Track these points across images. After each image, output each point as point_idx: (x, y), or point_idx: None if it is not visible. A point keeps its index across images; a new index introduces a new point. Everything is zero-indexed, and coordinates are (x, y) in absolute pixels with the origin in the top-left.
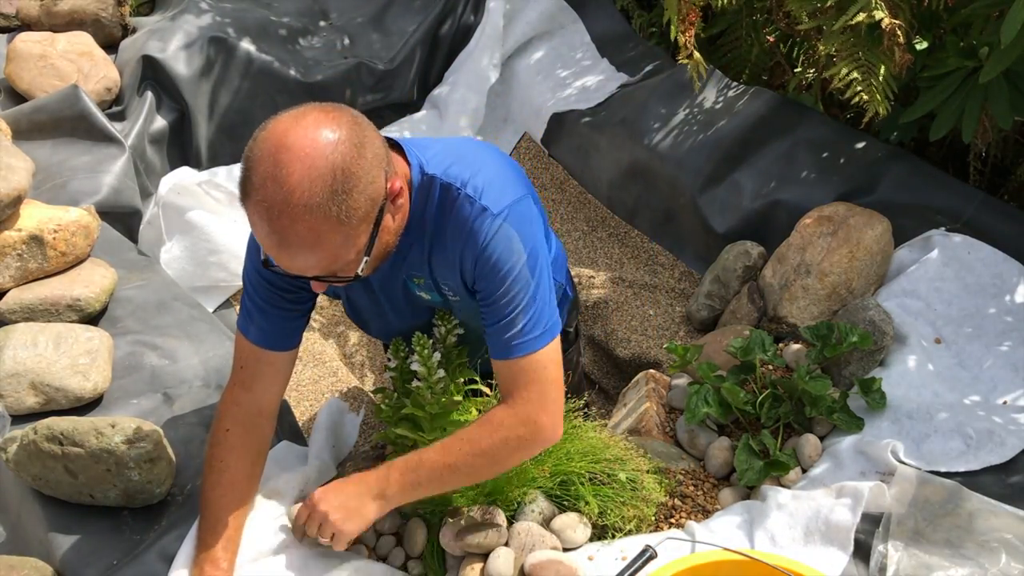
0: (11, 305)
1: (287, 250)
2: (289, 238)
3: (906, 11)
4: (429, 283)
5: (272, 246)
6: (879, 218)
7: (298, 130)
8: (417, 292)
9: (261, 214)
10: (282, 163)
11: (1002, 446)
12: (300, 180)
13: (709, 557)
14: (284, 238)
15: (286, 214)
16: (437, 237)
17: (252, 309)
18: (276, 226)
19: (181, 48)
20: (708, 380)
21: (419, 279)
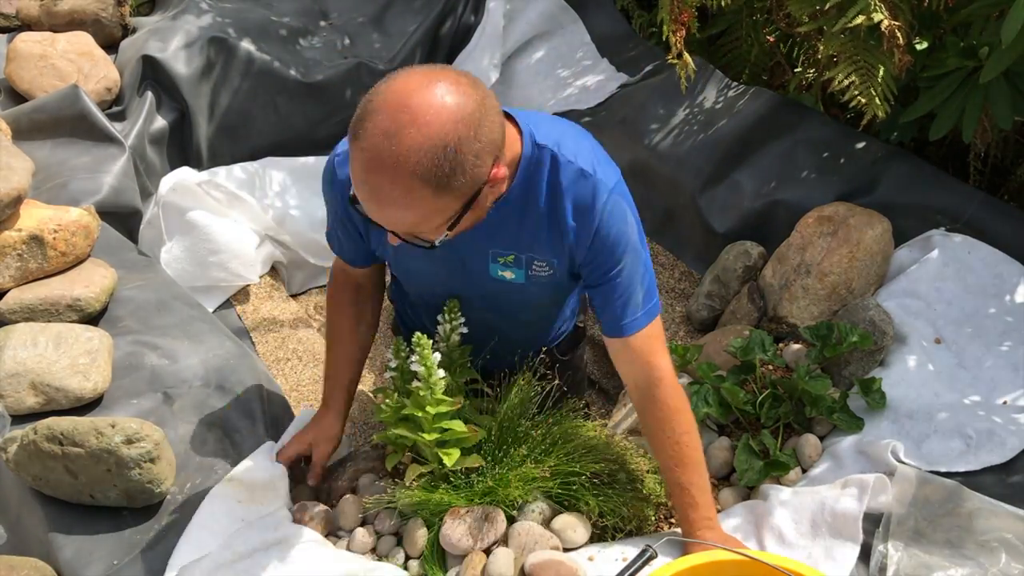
0: (11, 305)
1: (376, 203)
2: (382, 193)
3: (906, 12)
4: (519, 260)
5: (363, 193)
6: (879, 218)
7: (425, 94)
8: (498, 271)
9: (363, 162)
10: (400, 123)
11: (1002, 446)
12: (411, 146)
13: (709, 557)
14: (377, 191)
15: (387, 172)
16: (551, 211)
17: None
18: (373, 179)
19: (181, 48)
20: (708, 380)
21: (506, 257)
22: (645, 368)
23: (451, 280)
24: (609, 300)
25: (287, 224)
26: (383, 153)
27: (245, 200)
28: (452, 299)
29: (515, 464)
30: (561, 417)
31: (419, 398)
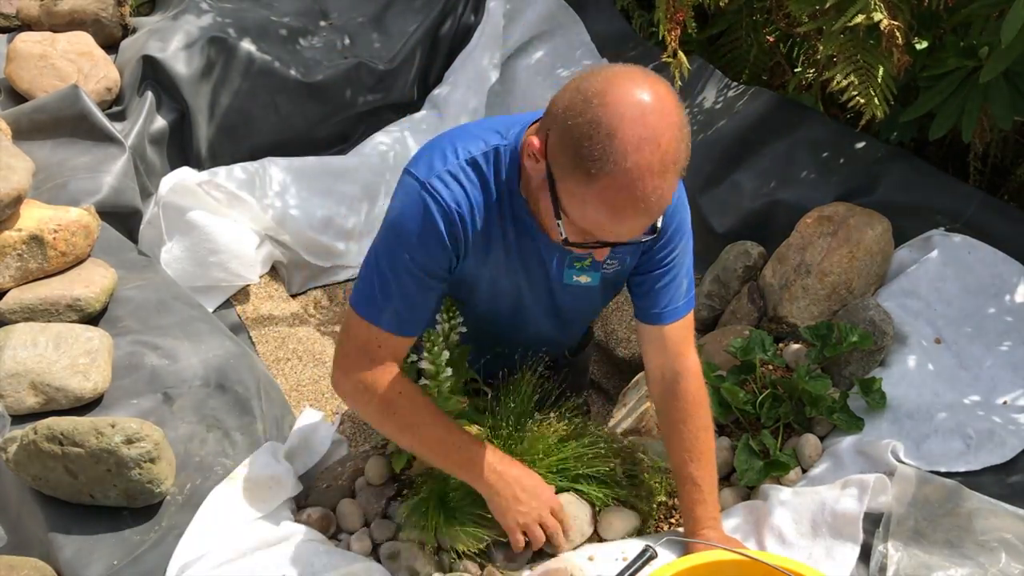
0: (11, 305)
1: (647, 214)
2: (654, 200)
3: (905, 12)
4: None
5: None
6: (879, 218)
7: (648, 88)
8: (573, 277)
9: (633, 179)
10: (651, 126)
11: (1002, 446)
12: (671, 139)
13: (709, 557)
14: (649, 202)
15: (659, 175)
16: None
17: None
18: (647, 188)
19: (181, 48)
20: (708, 380)
21: (581, 263)
22: (676, 358)
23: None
24: (657, 286)
25: (287, 224)
26: (653, 160)
27: (245, 200)
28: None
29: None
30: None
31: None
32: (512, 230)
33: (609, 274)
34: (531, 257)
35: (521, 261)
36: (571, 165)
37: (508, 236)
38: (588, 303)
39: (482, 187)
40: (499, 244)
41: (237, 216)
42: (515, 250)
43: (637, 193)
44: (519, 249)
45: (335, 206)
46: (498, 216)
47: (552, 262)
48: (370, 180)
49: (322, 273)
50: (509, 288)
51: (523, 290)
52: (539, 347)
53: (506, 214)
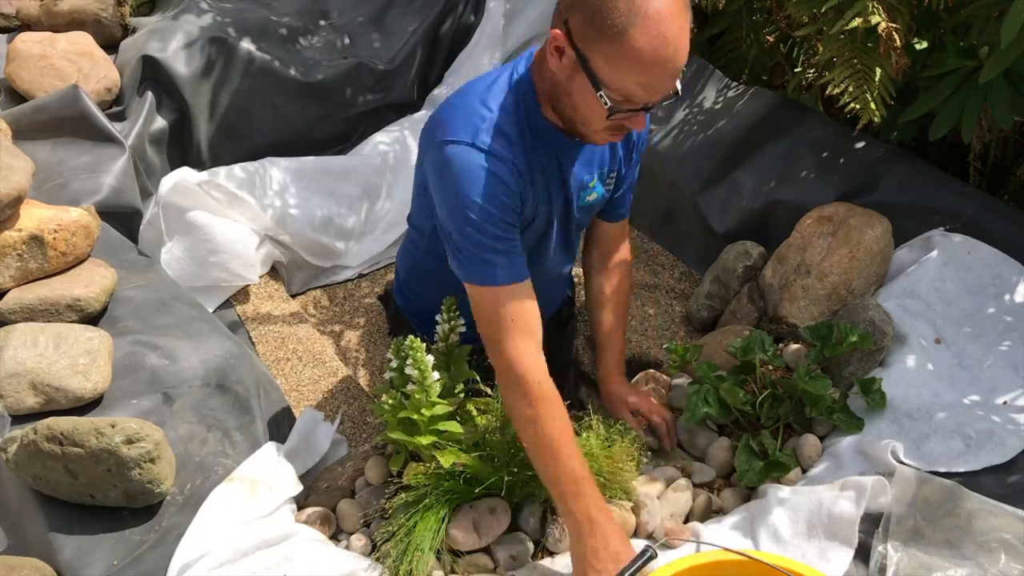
0: (11, 305)
1: (679, 55)
2: (681, 40)
3: (904, 13)
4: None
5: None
6: (879, 218)
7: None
8: (586, 199)
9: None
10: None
11: (1002, 446)
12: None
13: (709, 557)
14: (679, 43)
15: (680, 15)
16: None
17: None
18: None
19: (181, 48)
20: (708, 380)
21: (592, 182)
22: (626, 247)
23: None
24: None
25: (287, 224)
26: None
27: (245, 200)
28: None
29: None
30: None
31: (415, 401)
32: (543, 159)
33: (609, 189)
34: (556, 183)
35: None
36: (600, 31)
37: (540, 165)
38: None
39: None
40: (537, 176)
41: (237, 216)
42: (545, 179)
43: (667, 34)
44: (548, 178)
45: (335, 206)
46: (530, 147)
47: (572, 186)
48: (370, 180)
49: (322, 273)
50: (544, 219)
51: (553, 220)
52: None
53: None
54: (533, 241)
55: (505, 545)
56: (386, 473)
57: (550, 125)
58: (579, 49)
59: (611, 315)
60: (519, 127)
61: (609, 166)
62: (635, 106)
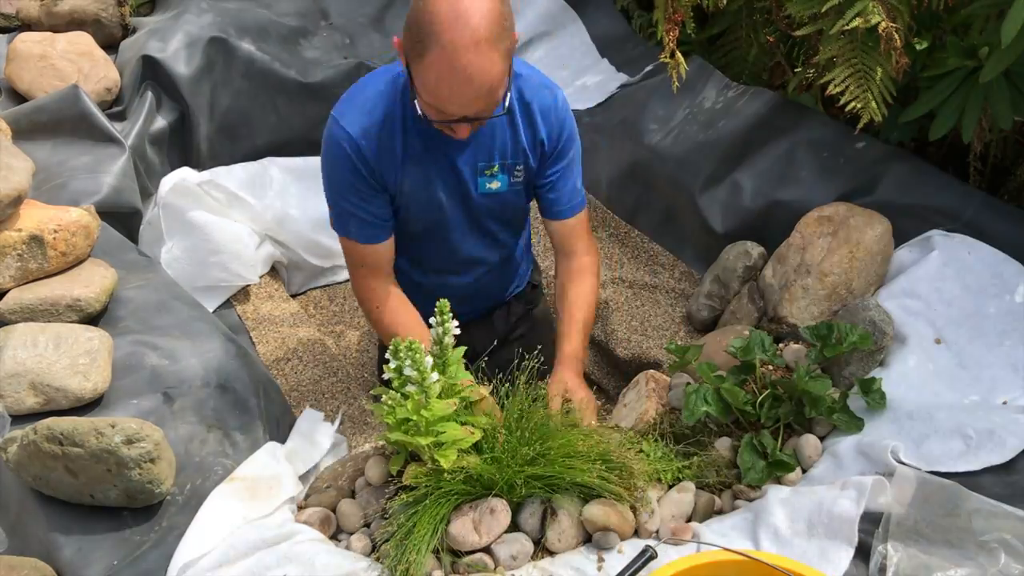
0: (11, 305)
1: (468, 85)
2: (472, 72)
3: (904, 13)
4: (503, 167)
5: (455, 84)
6: (879, 218)
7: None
8: (486, 185)
9: (449, 54)
10: (463, 8)
11: (1002, 446)
12: (481, 19)
13: (709, 557)
14: (468, 74)
15: (472, 50)
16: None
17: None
18: (463, 62)
19: (181, 48)
20: (708, 380)
21: (492, 168)
22: (585, 241)
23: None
24: (562, 184)
25: (287, 224)
26: (464, 36)
27: (245, 200)
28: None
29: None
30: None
31: (415, 402)
32: (419, 143)
33: (518, 181)
34: (444, 167)
35: (436, 171)
36: (410, 50)
37: (415, 148)
38: (502, 213)
39: (383, 112)
40: (411, 158)
41: (237, 216)
42: (427, 161)
43: (456, 65)
44: (431, 161)
45: None
46: (402, 132)
47: (464, 171)
48: None
49: (322, 273)
50: (431, 200)
51: (444, 202)
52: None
53: (410, 129)
54: (429, 220)
55: (505, 544)
56: (386, 473)
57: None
58: (406, 60)
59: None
60: (391, 112)
61: (512, 159)
62: (446, 117)
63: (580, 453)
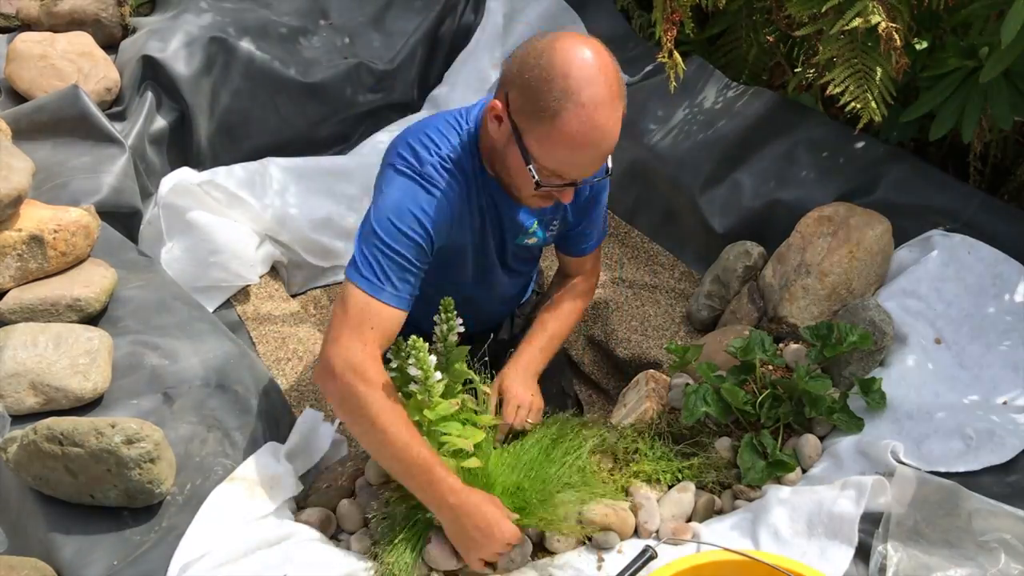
0: (11, 305)
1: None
2: (609, 129)
3: (904, 14)
4: (542, 223)
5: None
6: (879, 218)
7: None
8: (525, 240)
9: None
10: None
11: (1002, 446)
12: (614, 76)
13: (709, 557)
14: (606, 131)
15: (609, 106)
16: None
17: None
18: (602, 119)
19: (181, 48)
20: (708, 380)
21: (532, 226)
22: (593, 271)
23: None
24: (591, 230)
25: (287, 224)
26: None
27: (245, 200)
28: (447, 298)
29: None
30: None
31: (417, 402)
32: (485, 204)
33: (553, 233)
34: (495, 225)
35: (486, 228)
36: (534, 110)
37: (481, 211)
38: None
39: (461, 173)
40: (476, 217)
41: (237, 216)
42: (483, 219)
43: (596, 122)
44: (485, 219)
45: (335, 206)
46: (473, 194)
47: (512, 227)
48: (370, 180)
49: (322, 273)
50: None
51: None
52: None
53: (479, 191)
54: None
55: None
56: (386, 473)
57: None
58: (515, 122)
59: (548, 315)
60: (472, 171)
61: (551, 214)
62: (563, 181)
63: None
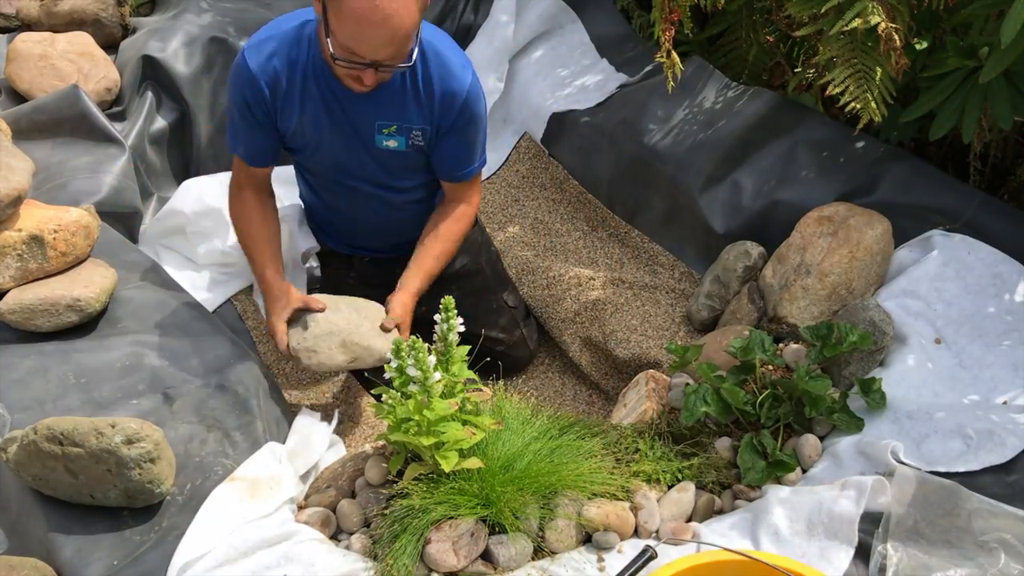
0: (11, 305)
1: (385, 27)
2: (390, 14)
3: (904, 14)
4: (401, 129)
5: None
6: (879, 218)
7: None
8: (383, 142)
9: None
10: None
11: (1002, 446)
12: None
13: (709, 557)
14: (386, 14)
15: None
16: (426, 93)
17: (236, 131)
18: (383, 2)
19: (181, 48)
20: (708, 380)
21: (389, 128)
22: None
23: (347, 151)
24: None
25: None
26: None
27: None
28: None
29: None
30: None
31: (416, 402)
32: (321, 89)
33: (418, 143)
34: (342, 119)
35: (333, 120)
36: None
37: (316, 95)
38: (405, 162)
39: (289, 55)
40: (312, 102)
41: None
42: (327, 110)
43: (377, 3)
44: (330, 110)
45: None
46: (305, 77)
47: (361, 127)
48: None
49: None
50: (333, 144)
51: (344, 149)
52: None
53: (313, 74)
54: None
55: (504, 546)
56: (386, 473)
57: (329, 68)
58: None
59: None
60: (294, 57)
61: (414, 123)
62: (357, 59)
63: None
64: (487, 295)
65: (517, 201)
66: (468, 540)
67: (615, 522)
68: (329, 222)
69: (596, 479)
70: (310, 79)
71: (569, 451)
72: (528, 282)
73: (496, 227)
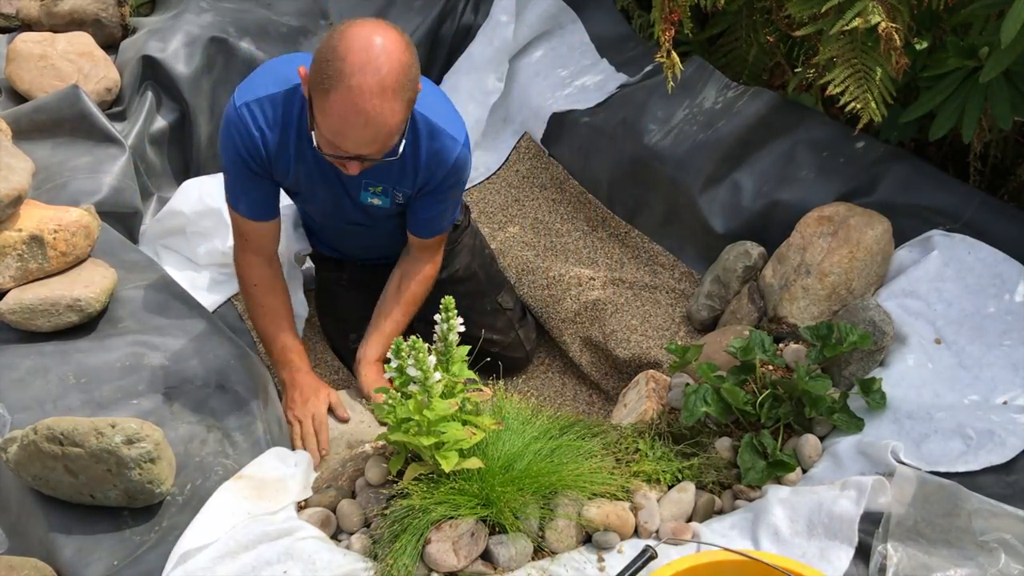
0: (11, 305)
1: (368, 128)
2: (374, 116)
3: (904, 14)
4: (386, 191)
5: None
6: (879, 218)
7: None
8: (368, 199)
9: (355, 96)
10: (378, 55)
11: (1002, 446)
12: (390, 68)
13: (709, 557)
14: (370, 118)
15: (377, 96)
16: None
17: (237, 189)
18: (367, 106)
19: (181, 48)
20: (708, 380)
21: (375, 188)
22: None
23: (336, 204)
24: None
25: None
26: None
27: None
28: (448, 298)
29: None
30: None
31: (416, 402)
32: (310, 151)
33: (400, 203)
34: (331, 176)
35: (324, 178)
36: (317, 82)
37: (308, 156)
38: (391, 217)
39: (282, 117)
40: (303, 161)
41: None
42: (317, 169)
43: (360, 107)
44: (320, 169)
45: None
46: (300, 136)
47: (349, 183)
48: None
49: None
50: (325, 198)
51: (332, 203)
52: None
53: (306, 135)
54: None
55: (504, 546)
56: (386, 473)
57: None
58: (309, 89)
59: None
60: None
61: (398, 186)
62: (340, 152)
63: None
64: (481, 298)
65: (517, 201)
66: (468, 540)
67: (615, 522)
68: (319, 233)
69: (596, 479)
70: (304, 138)
71: (569, 451)
72: (528, 282)
73: (496, 227)
